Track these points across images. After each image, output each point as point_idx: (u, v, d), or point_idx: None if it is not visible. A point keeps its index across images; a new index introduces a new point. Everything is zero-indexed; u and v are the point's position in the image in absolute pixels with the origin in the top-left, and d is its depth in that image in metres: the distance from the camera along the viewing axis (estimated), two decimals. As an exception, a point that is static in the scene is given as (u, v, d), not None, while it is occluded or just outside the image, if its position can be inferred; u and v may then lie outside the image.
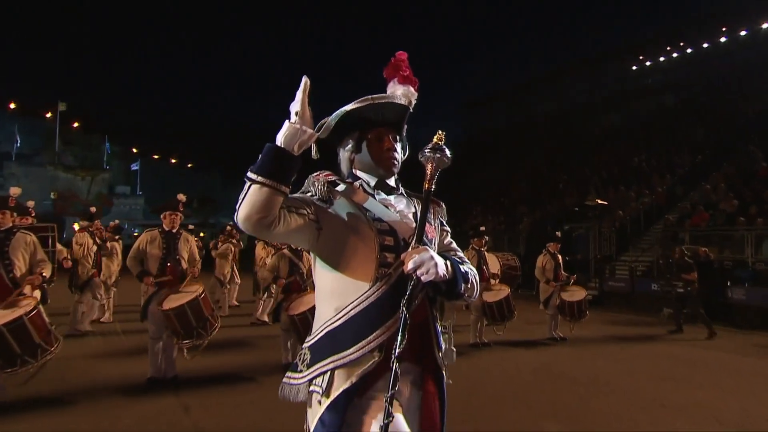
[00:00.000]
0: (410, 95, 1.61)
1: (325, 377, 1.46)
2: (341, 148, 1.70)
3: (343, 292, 1.51)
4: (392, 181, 1.69)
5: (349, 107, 1.57)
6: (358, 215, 1.55)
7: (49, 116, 46.46)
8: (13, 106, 46.61)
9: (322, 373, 1.47)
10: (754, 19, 24.60)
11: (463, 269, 1.59)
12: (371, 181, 1.65)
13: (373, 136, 1.64)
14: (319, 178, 1.60)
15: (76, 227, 9.08)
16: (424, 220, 1.52)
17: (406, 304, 1.40)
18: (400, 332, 1.38)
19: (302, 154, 1.41)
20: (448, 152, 1.54)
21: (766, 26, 24.62)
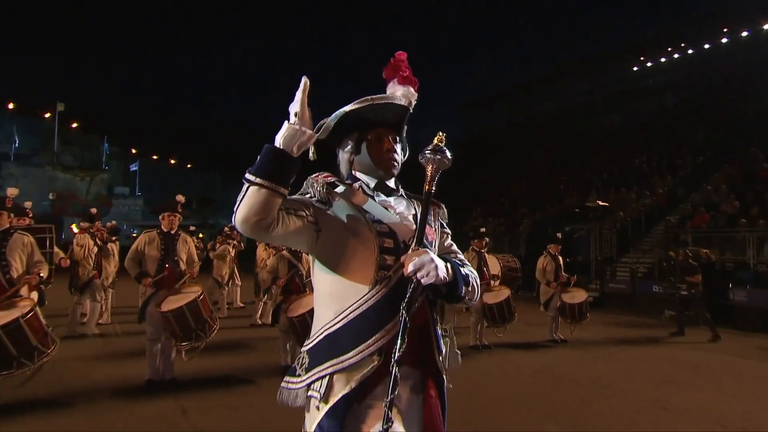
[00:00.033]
0: (410, 96, 1.59)
1: (323, 382, 1.44)
2: (340, 149, 1.68)
3: (342, 294, 1.49)
4: (392, 182, 1.67)
5: (348, 108, 1.55)
6: (357, 217, 1.53)
7: (47, 116, 46.58)
8: (11, 106, 46.58)
9: (320, 377, 1.45)
10: (755, 19, 24.62)
11: (463, 272, 1.57)
12: (371, 182, 1.63)
13: (372, 137, 1.62)
14: (318, 179, 1.59)
15: (74, 228, 9.05)
16: (424, 222, 1.50)
17: (406, 307, 1.38)
18: (399, 336, 1.36)
19: (301, 155, 1.39)
20: (448, 154, 1.52)
21: (767, 27, 24.62)
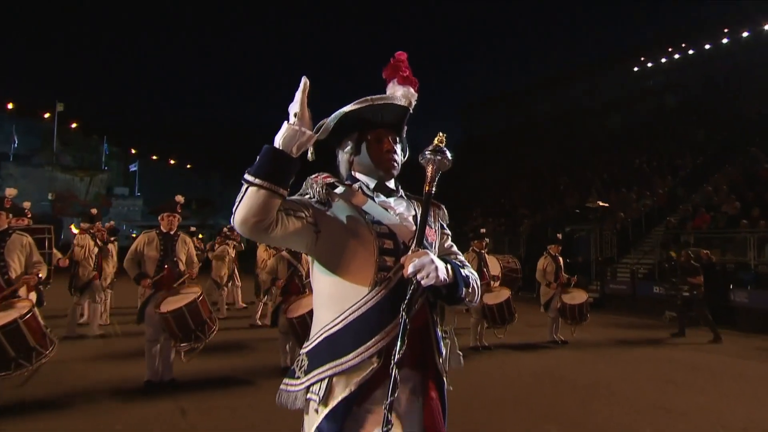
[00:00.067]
0: (410, 96, 1.58)
1: (322, 384, 1.43)
2: (340, 149, 1.67)
3: (341, 296, 1.48)
4: (392, 183, 1.66)
5: (348, 108, 1.54)
6: (357, 218, 1.52)
7: (47, 116, 46.57)
8: (10, 106, 46.49)
9: (320, 380, 1.44)
10: (755, 19, 24.58)
11: (464, 273, 1.56)
12: (370, 183, 1.62)
13: (372, 137, 1.61)
14: (317, 180, 1.58)
15: (73, 229, 9.04)
16: (424, 223, 1.49)
17: (405, 308, 1.38)
18: (399, 337, 1.35)
19: (301, 156, 1.39)
20: (448, 154, 1.52)
21: (767, 27, 24.60)
